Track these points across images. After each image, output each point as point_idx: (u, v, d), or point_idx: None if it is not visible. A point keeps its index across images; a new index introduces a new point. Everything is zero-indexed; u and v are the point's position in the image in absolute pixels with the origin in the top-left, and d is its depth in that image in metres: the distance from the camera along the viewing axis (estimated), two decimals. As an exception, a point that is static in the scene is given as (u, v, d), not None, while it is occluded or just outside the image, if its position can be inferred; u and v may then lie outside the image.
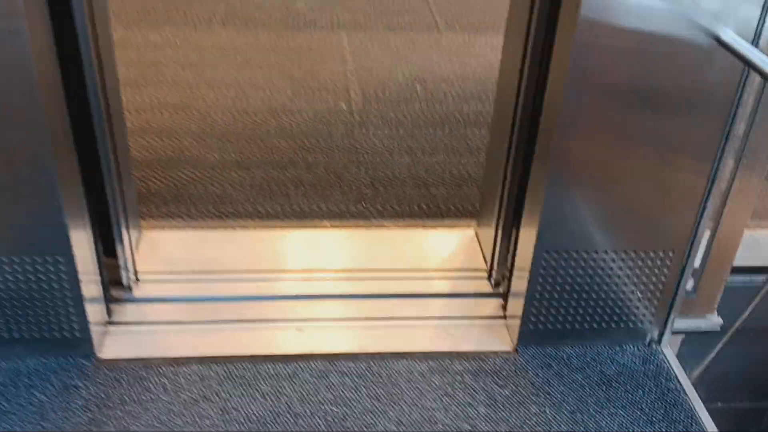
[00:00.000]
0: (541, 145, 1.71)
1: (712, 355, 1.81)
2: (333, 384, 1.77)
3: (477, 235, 2.33)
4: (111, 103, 1.84)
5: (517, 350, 1.90)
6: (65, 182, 1.59)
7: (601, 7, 1.46)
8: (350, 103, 3.10)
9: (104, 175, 1.83)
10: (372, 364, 1.83)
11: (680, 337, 2.10)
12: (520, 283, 1.88)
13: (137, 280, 2.04)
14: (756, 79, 1.64)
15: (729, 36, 1.50)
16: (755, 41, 1.53)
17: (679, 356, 1.92)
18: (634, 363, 1.87)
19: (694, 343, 2.08)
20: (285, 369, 1.80)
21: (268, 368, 1.80)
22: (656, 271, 1.80)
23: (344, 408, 1.71)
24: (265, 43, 3.66)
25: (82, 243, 1.71)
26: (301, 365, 1.81)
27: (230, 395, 1.73)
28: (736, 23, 1.50)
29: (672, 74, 1.55)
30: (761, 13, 1.51)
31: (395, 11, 4.20)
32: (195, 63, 3.38)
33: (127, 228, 1.98)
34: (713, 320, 2.02)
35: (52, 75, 1.52)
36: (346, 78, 3.33)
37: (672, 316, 1.87)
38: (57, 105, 1.55)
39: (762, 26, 1.52)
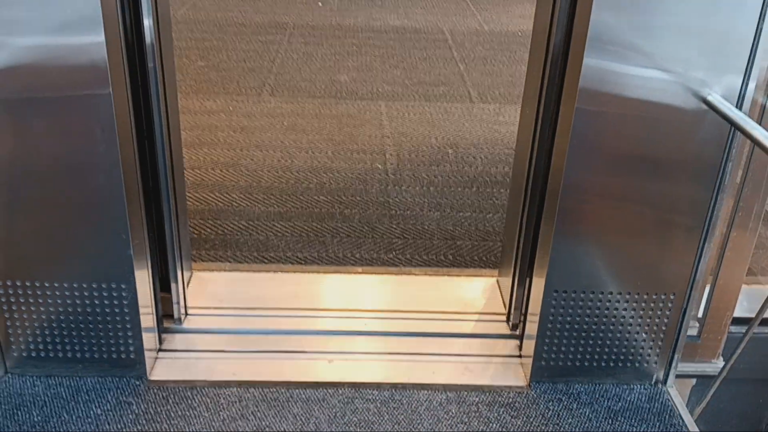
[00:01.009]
0: (549, 203, 1.91)
1: (711, 392, 1.92)
2: (358, 409, 1.94)
3: (498, 282, 2.50)
4: (174, 159, 2.12)
5: (530, 386, 2.05)
6: (133, 221, 1.84)
7: (598, 78, 1.68)
8: (386, 163, 3.36)
9: (165, 221, 2.09)
10: (395, 392, 2.00)
11: (691, 381, 2.21)
12: (532, 325, 2.04)
13: (186, 313, 2.26)
14: (743, 139, 1.83)
15: (716, 99, 1.70)
16: (739, 103, 1.73)
17: (689, 398, 2.03)
18: (640, 400, 2.00)
19: (701, 386, 2.18)
20: (315, 394, 1.98)
21: (300, 393, 1.98)
22: (659, 313, 1.95)
23: (367, 430, 1.88)
24: (310, 110, 3.97)
25: (143, 276, 1.96)
26: (330, 392, 1.99)
27: (265, 415, 1.91)
28: (722, 88, 1.70)
29: (665, 136, 1.75)
30: (743, 79, 1.71)
31: (431, 83, 4.50)
32: (246, 127, 3.70)
33: (181, 268, 2.22)
34: (718, 365, 2.14)
35: (129, 132, 1.80)
36: (382, 142, 3.60)
37: (676, 357, 2.00)
38: (131, 157, 1.82)
39: (744, 90, 1.72)
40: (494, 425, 1.91)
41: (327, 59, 4.90)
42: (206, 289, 2.39)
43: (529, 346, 2.07)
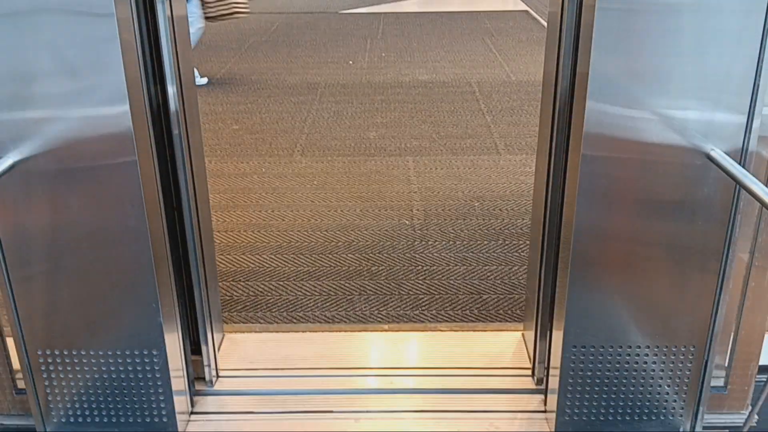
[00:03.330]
0: (563, 252, 1.94)
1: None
2: (383, 468, 1.97)
3: (523, 336, 2.52)
4: (203, 224, 2.23)
5: (554, 441, 2.05)
6: (162, 289, 1.93)
7: (602, 122, 1.69)
8: (412, 219, 3.43)
9: (194, 286, 2.18)
10: (419, 451, 2.02)
11: (721, 433, 2.18)
12: (555, 379, 2.05)
13: (218, 375, 2.34)
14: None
15: (718, 154, 1.72)
16: (742, 158, 1.75)
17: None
18: (667, 454, 1.98)
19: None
20: (341, 454, 2.02)
21: (327, 453, 2.02)
22: (680, 365, 1.94)
23: (392, 490, 1.90)
24: (339, 168, 4.09)
25: (173, 341, 2.04)
26: (356, 451, 2.02)
27: (292, 476, 1.96)
28: (724, 142, 1.72)
29: (670, 184, 1.77)
30: (745, 129, 1.73)
31: (459, 136, 4.59)
32: (277, 188, 3.83)
33: (212, 331, 2.30)
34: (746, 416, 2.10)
35: (156, 199, 1.91)
36: (410, 197, 3.68)
37: (701, 410, 1.98)
38: (159, 225, 1.93)
39: (747, 143, 1.74)
40: (519, 482, 1.91)
41: (357, 117, 5.05)
42: (237, 350, 2.47)
43: (553, 400, 2.08)
